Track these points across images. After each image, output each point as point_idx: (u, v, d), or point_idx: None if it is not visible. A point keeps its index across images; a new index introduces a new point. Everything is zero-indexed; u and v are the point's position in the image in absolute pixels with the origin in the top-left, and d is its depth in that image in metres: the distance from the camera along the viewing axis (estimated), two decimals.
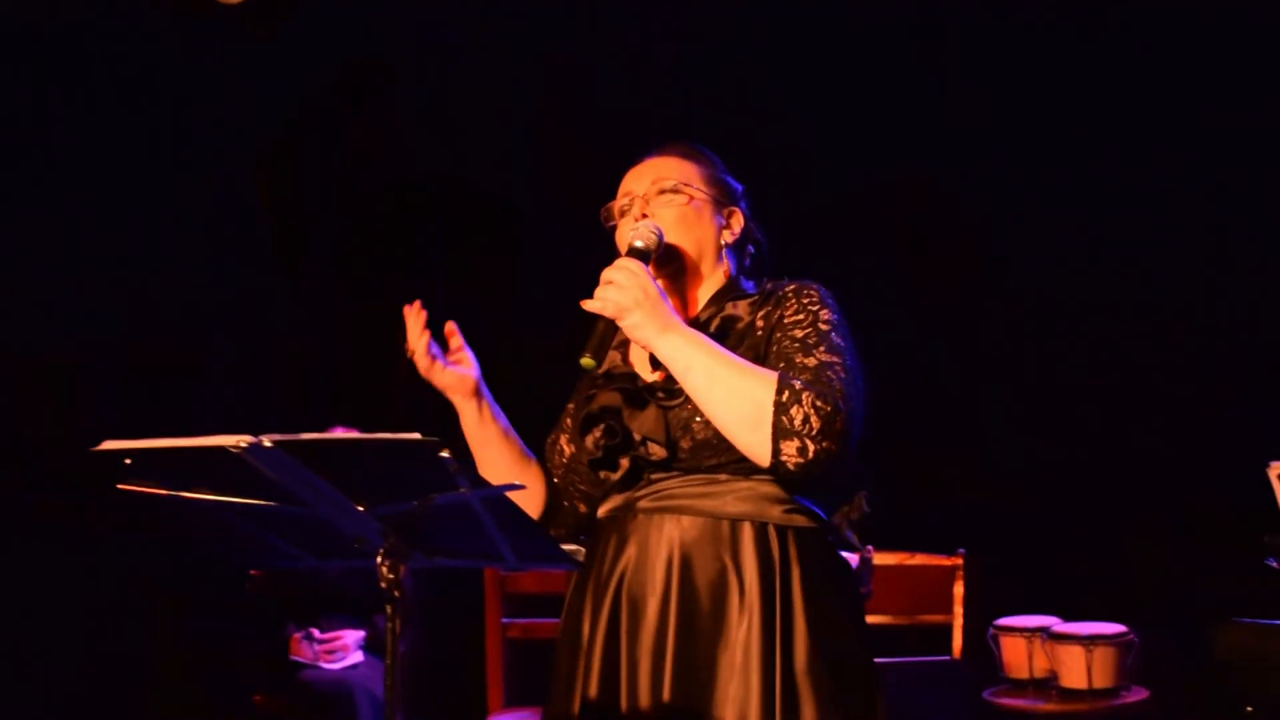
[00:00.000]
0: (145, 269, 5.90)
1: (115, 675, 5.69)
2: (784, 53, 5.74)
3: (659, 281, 2.75)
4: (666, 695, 2.67)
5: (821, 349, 2.69)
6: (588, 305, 2.68)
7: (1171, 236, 5.48)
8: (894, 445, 5.45)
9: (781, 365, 2.68)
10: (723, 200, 2.90)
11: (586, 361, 2.68)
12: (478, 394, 2.88)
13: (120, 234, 5.85)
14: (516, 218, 6.05)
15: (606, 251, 2.82)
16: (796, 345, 2.70)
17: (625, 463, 2.77)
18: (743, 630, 2.66)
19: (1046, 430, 5.68)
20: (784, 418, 2.59)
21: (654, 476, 2.76)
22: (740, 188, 2.95)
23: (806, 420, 2.59)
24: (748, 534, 2.70)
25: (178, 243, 5.94)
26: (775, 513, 2.71)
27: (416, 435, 2.29)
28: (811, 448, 2.59)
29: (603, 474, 2.81)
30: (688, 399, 2.71)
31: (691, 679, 2.66)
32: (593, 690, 2.73)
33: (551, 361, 3.01)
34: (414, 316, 2.90)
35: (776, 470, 2.64)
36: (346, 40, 6.01)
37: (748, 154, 3.00)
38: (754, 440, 2.62)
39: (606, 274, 2.69)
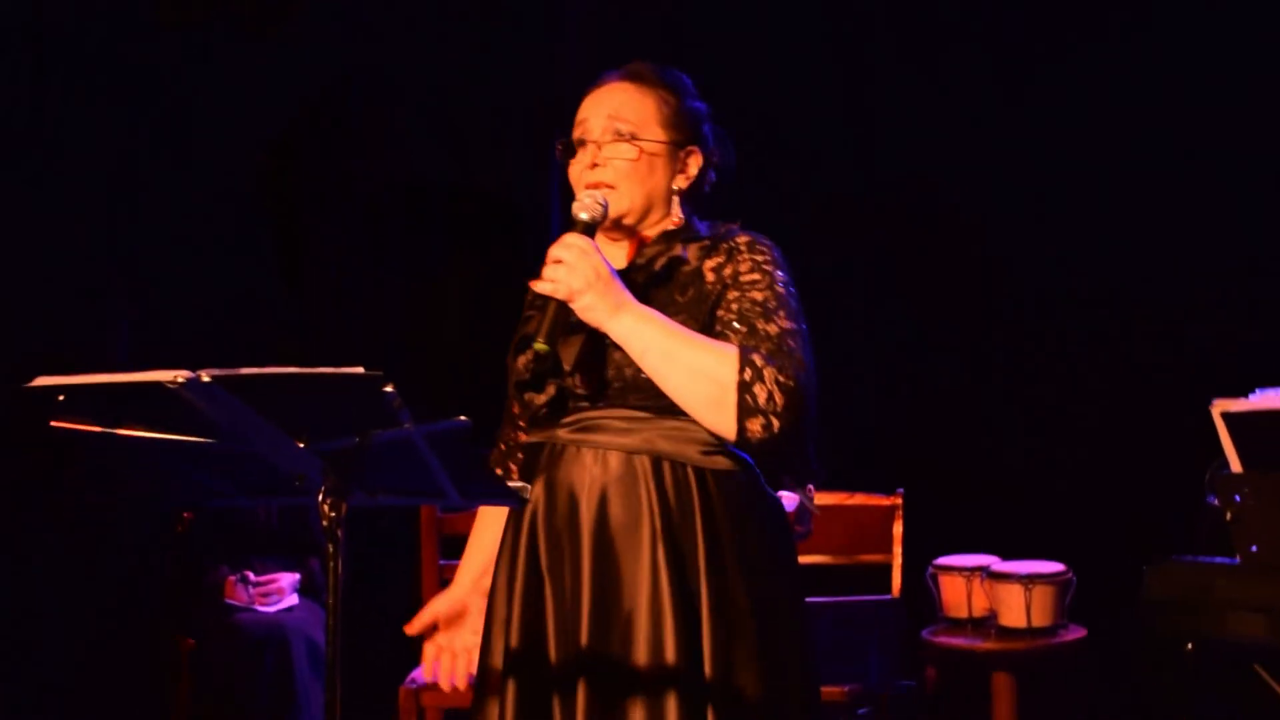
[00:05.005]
0: (144, 269, 5.87)
1: (45, 619, 5.64)
2: (783, 52, 5.72)
3: (598, 236, 2.72)
4: (585, 637, 2.64)
5: (782, 314, 2.68)
6: (537, 287, 2.64)
7: (1173, 237, 5.48)
8: (882, 443, 5.51)
9: (743, 330, 2.65)
10: (681, 140, 2.83)
11: (540, 346, 2.63)
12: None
13: (119, 234, 5.82)
14: (517, 217, 6.03)
15: None
16: (758, 309, 2.68)
17: (552, 388, 2.74)
18: (658, 570, 2.63)
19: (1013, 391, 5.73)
20: (747, 396, 2.58)
21: (579, 405, 2.73)
22: (704, 109, 2.88)
23: (771, 398, 2.58)
24: (667, 473, 2.67)
25: (177, 242, 5.89)
26: (693, 453, 2.67)
27: (359, 369, 2.25)
28: (776, 423, 2.58)
29: (528, 396, 2.78)
30: None
31: (609, 620, 2.64)
32: (518, 630, 2.72)
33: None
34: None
35: (741, 445, 2.62)
36: (347, 40, 5.97)
37: (747, 154, 2.97)
38: (718, 419, 2.60)
39: (554, 252, 2.64)
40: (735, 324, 2.68)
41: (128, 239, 5.89)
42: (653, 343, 2.61)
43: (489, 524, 3.01)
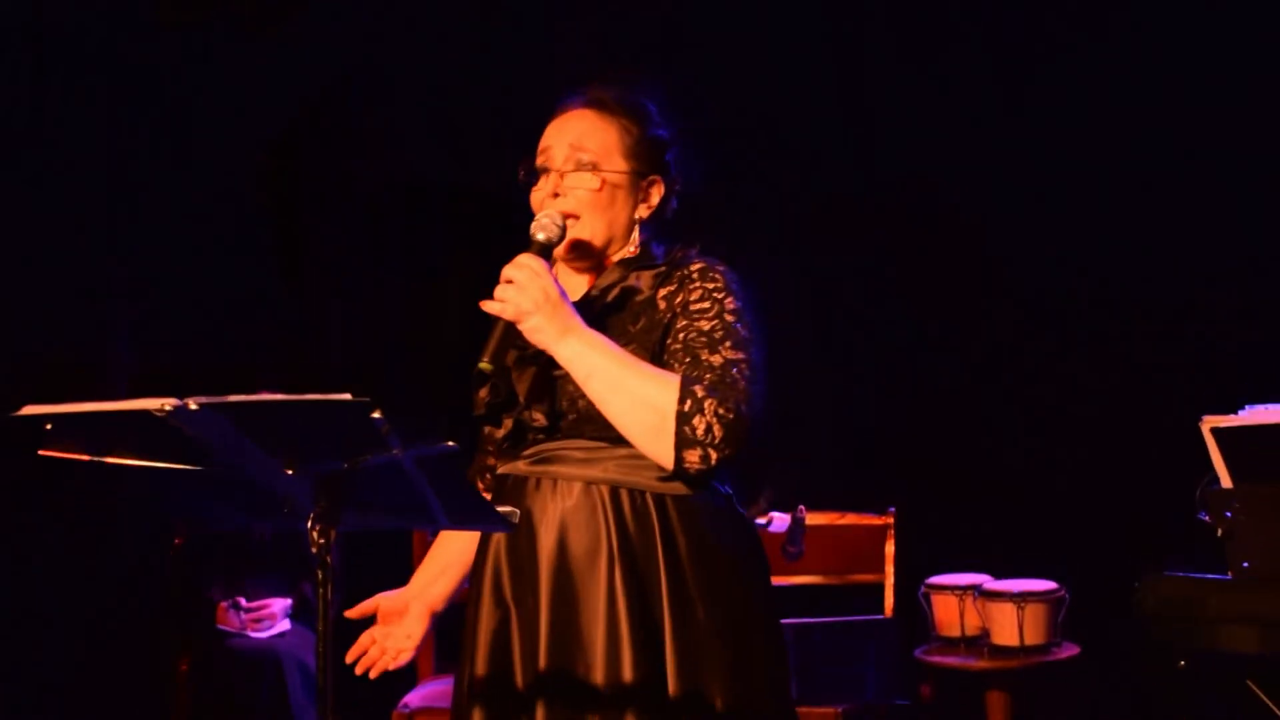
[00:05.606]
0: (144, 269, 5.88)
1: (45, 619, 5.65)
2: (783, 52, 5.71)
3: (559, 265, 2.74)
4: (545, 664, 2.65)
5: (727, 344, 2.66)
6: (487, 306, 2.64)
7: (1173, 238, 5.46)
8: (881, 443, 5.50)
9: (688, 361, 2.65)
10: (644, 170, 2.83)
11: (484, 366, 2.63)
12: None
13: (119, 234, 5.84)
14: (516, 217, 6.02)
15: None
16: (703, 340, 2.67)
17: (509, 422, 2.76)
18: (615, 597, 2.63)
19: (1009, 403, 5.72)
20: (686, 427, 2.58)
21: (536, 438, 2.75)
22: (668, 136, 2.87)
23: (709, 430, 2.57)
24: (625, 501, 2.68)
25: (177, 242, 5.91)
26: (651, 480, 2.67)
27: (347, 395, 2.24)
28: (714, 455, 2.58)
29: (488, 429, 2.82)
30: None
31: (568, 649, 2.65)
32: (484, 660, 2.73)
33: None
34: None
35: (678, 474, 2.63)
36: (347, 40, 5.97)
37: (748, 154, 2.96)
38: (656, 448, 2.61)
39: (507, 272, 2.64)
40: (681, 354, 2.68)
41: (128, 239, 5.89)
42: (596, 368, 2.61)
43: (453, 535, 3.03)
